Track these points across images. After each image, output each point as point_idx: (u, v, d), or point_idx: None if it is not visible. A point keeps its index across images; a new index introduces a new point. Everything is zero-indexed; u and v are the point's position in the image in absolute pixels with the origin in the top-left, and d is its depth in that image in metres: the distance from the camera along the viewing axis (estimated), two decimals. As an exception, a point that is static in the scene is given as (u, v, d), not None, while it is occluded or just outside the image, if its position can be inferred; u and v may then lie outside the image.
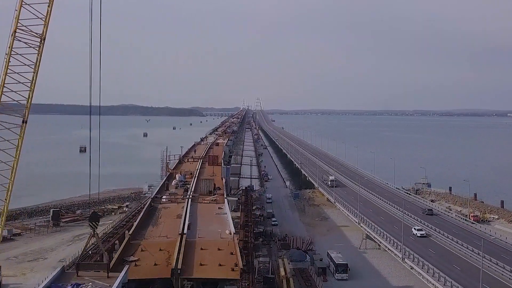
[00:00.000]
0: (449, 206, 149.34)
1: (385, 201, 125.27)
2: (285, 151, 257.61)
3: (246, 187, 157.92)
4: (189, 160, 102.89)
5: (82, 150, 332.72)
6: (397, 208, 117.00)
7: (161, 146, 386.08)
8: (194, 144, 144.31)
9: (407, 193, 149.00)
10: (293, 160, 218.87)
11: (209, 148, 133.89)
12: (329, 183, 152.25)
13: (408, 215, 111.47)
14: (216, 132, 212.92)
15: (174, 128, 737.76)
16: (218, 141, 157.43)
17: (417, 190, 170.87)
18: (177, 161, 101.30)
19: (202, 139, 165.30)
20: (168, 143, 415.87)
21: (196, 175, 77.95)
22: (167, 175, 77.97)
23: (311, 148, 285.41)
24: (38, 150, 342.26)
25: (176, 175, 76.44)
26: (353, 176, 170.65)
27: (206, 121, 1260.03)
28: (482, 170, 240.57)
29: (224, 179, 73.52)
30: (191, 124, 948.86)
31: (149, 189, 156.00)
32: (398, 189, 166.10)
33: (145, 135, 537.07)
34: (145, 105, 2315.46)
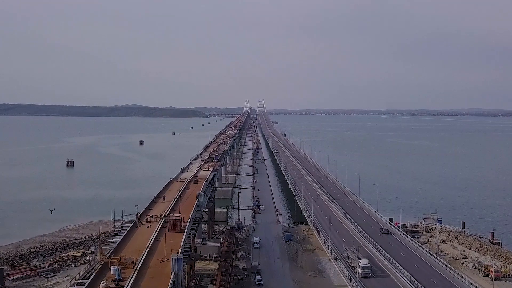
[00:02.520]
0: (464, 251, 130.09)
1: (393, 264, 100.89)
2: (284, 172, 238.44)
3: (231, 228, 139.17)
4: (149, 218, 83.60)
5: (69, 164, 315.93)
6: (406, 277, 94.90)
7: (156, 158, 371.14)
8: (170, 181, 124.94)
9: (411, 237, 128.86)
10: (289, 185, 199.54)
11: (184, 189, 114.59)
12: (360, 271, 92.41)
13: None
14: (203, 155, 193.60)
15: (173, 134, 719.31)
16: (199, 175, 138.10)
17: (426, 226, 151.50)
18: (132, 223, 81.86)
19: (182, 170, 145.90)
20: (164, 154, 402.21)
21: (140, 264, 58.66)
22: (99, 266, 58.39)
23: (311, 166, 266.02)
24: (22, 164, 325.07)
25: (111, 267, 57.13)
26: (357, 216, 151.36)
27: (208, 123, 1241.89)
28: (498, 196, 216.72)
29: (173, 275, 54.07)
30: (192, 128, 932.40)
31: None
32: (404, 226, 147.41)
33: (141, 143, 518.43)
34: (149, 105, 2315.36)
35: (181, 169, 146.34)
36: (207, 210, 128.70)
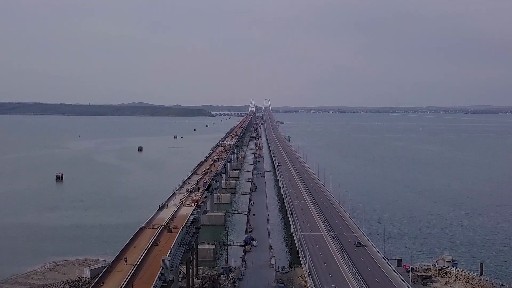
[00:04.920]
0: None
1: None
2: (283, 192, 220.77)
3: (214, 278, 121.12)
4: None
5: (59, 178, 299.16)
6: None
7: (153, 168, 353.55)
8: (140, 228, 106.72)
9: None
10: (288, 213, 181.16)
11: (153, 243, 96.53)
12: None
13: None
14: (191, 180, 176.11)
15: (175, 137, 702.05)
16: (179, 215, 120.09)
17: (440, 270, 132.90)
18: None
19: (160, 207, 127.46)
20: (161, 163, 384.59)
21: None
22: None
23: (313, 183, 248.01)
24: (7, 177, 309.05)
25: None
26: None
27: (213, 124, 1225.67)
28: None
29: None
30: (195, 130, 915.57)
31: (90, 277, 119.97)
32: (414, 270, 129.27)
33: (140, 149, 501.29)
34: (156, 103, 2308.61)
35: (159, 206, 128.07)
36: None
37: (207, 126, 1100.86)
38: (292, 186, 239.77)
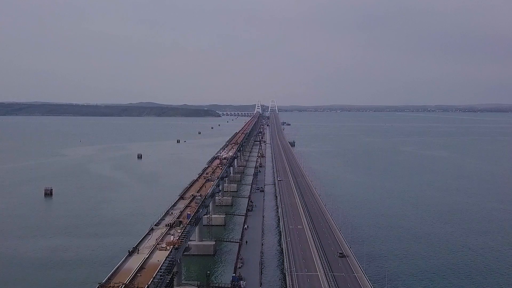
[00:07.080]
0: None
1: None
2: (281, 215, 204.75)
3: None
4: None
5: (48, 193, 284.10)
6: None
7: (149, 181, 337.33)
8: (99, 287, 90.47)
9: None
10: (283, 246, 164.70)
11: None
12: None
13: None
14: (176, 207, 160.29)
15: (178, 141, 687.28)
16: (149, 264, 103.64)
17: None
18: None
19: (130, 253, 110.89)
20: (159, 174, 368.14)
21: None
22: None
23: (314, 201, 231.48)
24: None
25: None
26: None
27: (218, 125, 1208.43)
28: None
29: None
30: (199, 133, 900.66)
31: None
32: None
33: (140, 157, 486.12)
34: (163, 103, 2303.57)
35: (129, 251, 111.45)
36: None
37: (212, 128, 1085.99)
38: (291, 205, 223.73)
